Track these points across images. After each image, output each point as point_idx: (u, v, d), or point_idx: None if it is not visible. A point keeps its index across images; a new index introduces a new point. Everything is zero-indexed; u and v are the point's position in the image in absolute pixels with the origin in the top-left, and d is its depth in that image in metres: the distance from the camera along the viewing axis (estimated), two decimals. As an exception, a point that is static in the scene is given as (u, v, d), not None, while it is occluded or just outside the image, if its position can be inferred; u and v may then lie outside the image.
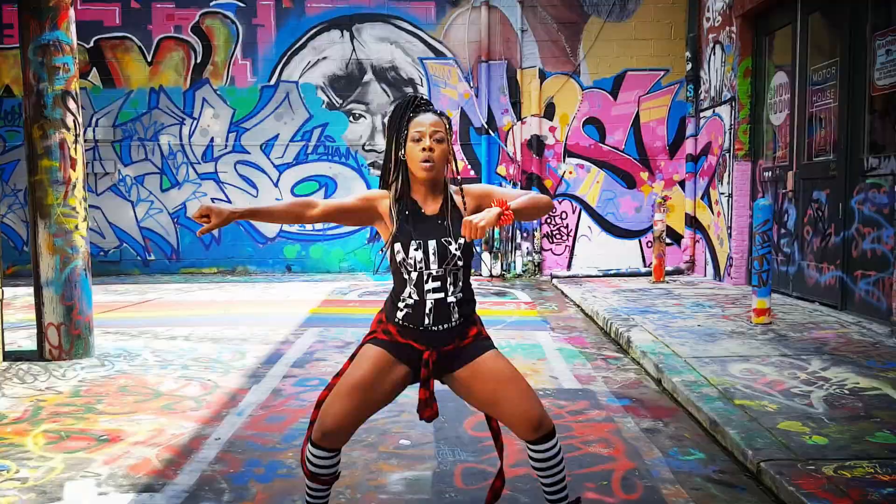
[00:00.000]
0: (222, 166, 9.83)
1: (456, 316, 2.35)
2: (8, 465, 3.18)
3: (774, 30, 7.41)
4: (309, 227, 9.96)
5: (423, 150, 2.29)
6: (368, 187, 9.85)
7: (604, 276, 9.23)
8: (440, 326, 2.34)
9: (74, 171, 4.92)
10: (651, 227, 9.16)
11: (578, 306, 7.16)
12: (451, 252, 2.31)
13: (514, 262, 9.71)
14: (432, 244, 2.31)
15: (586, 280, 8.93)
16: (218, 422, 3.76)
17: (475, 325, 2.44)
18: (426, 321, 2.33)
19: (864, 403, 3.68)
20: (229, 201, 9.87)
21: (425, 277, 2.32)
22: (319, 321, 6.45)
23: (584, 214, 9.70)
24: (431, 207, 2.37)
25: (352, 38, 9.70)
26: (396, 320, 2.37)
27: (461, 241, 2.32)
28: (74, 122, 4.93)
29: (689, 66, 9.05)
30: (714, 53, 8.48)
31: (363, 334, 2.49)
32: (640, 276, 9.10)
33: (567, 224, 9.72)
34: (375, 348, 2.37)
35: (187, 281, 9.35)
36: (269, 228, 9.97)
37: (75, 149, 4.93)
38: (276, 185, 9.88)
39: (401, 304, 2.36)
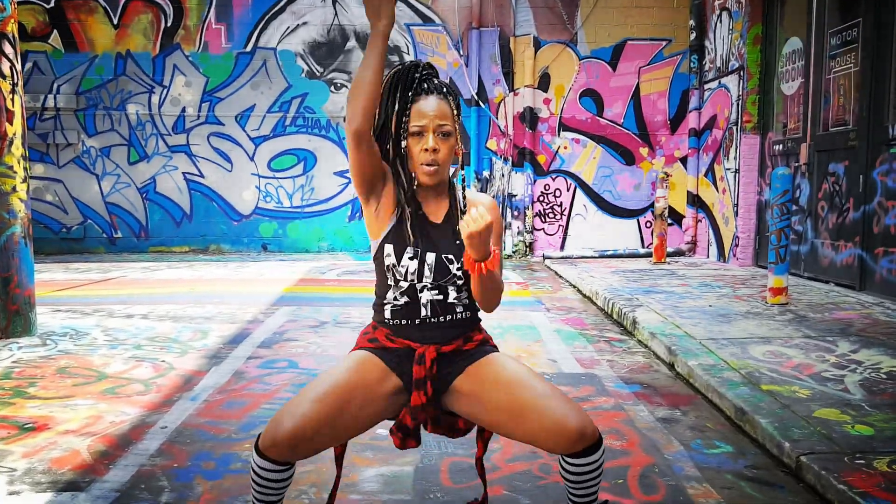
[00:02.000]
0: (194, 138, 9.22)
1: (460, 309, 1.91)
2: None
3: (786, -7, 6.94)
4: (287, 203, 9.39)
5: (426, 150, 1.83)
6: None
7: (600, 257, 8.76)
8: (439, 318, 1.89)
9: (11, 125, 4.35)
10: (650, 205, 8.69)
11: (575, 287, 6.68)
12: (451, 272, 1.89)
13: (504, 242, 9.22)
14: (431, 257, 1.87)
15: (581, 261, 8.45)
16: (167, 408, 3.25)
17: (481, 332, 1.98)
18: (423, 312, 1.89)
19: (908, 389, 3.24)
20: (202, 175, 9.29)
21: (419, 288, 1.89)
22: (293, 300, 5.92)
23: (579, 192, 9.20)
24: (436, 212, 1.93)
25: (334, 2, 9.12)
26: (385, 320, 1.91)
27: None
28: (12, 68, 4.35)
29: (692, 36, 8.56)
30: (720, 21, 7.99)
31: (340, 313, 2.00)
32: (639, 258, 8.62)
33: (561, 202, 9.22)
34: (363, 352, 1.91)
35: (156, 260, 8.77)
36: (244, 205, 9.38)
37: (12, 100, 4.35)
38: (251, 158, 9.30)
39: (387, 304, 1.93)
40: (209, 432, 2.95)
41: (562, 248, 9.22)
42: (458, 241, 1.89)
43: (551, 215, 9.24)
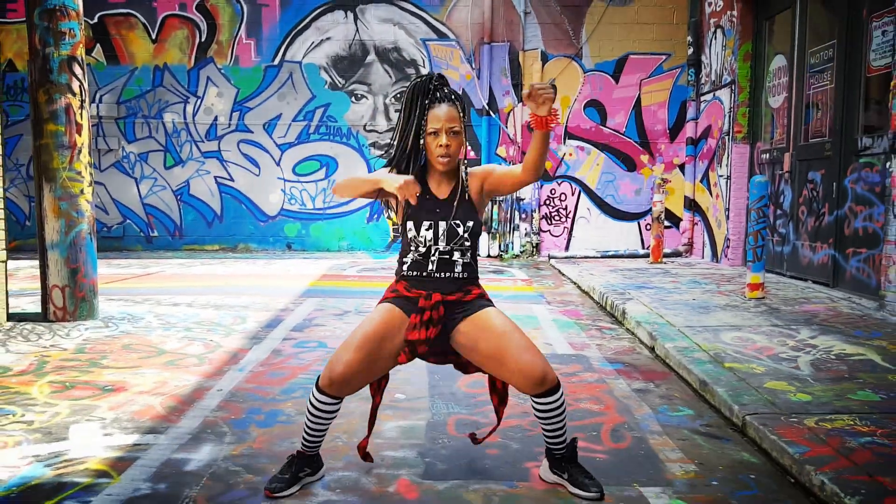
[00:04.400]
0: (225, 145, 9.90)
1: (459, 269, 2.47)
2: (14, 409, 3.28)
3: (774, 14, 7.47)
4: (310, 205, 10.05)
5: (440, 146, 2.39)
6: (369, 167, 9.92)
7: (602, 257, 9.31)
8: (443, 274, 2.46)
9: (80, 136, 5.00)
10: (650, 209, 9.23)
11: (575, 283, 7.24)
12: (459, 234, 2.45)
13: (512, 243, 9.80)
14: (443, 225, 2.43)
15: (584, 261, 9.02)
16: (220, 376, 3.86)
17: (478, 287, 2.54)
18: (430, 267, 2.46)
19: (849, 367, 3.78)
20: (232, 179, 9.98)
21: (432, 251, 2.46)
22: (319, 293, 6.55)
23: (583, 196, 9.78)
24: (444, 191, 2.49)
25: (355, 18, 9.76)
26: (402, 273, 2.50)
27: (469, 224, 2.45)
28: (80, 87, 5.00)
29: (690, 51, 9.11)
30: (715, 38, 8.55)
31: (362, 305, 2.60)
32: (639, 258, 9.18)
33: (566, 206, 9.80)
34: (387, 304, 2.49)
35: (189, 257, 9.46)
36: (271, 207, 10.05)
37: (81, 114, 5.00)
38: (278, 164, 9.96)
39: (405, 260, 2.51)
40: (257, 394, 3.57)
41: (566, 248, 9.79)
42: (466, 208, 2.44)
43: (557, 218, 9.82)
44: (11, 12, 9.72)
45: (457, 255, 2.48)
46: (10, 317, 5.08)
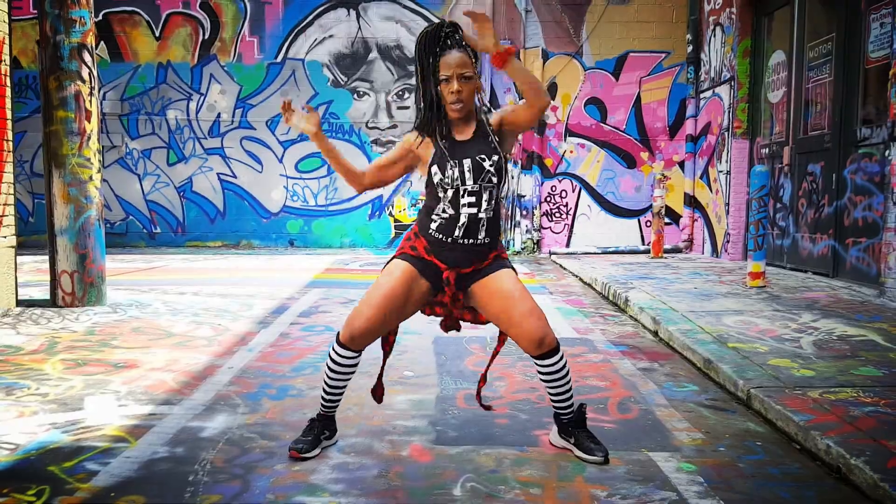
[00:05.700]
0: (228, 142, 9.97)
1: (483, 234, 2.48)
2: (28, 383, 3.32)
3: (773, 10, 7.57)
4: (312, 202, 10.11)
5: (452, 92, 2.39)
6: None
7: (602, 253, 9.38)
8: (467, 241, 2.46)
9: (90, 122, 5.06)
10: (650, 206, 9.30)
11: (577, 276, 7.30)
12: (485, 168, 2.43)
13: (513, 240, 9.86)
14: (467, 162, 2.43)
15: (585, 256, 9.08)
16: (230, 355, 3.90)
17: (496, 250, 2.56)
18: (457, 233, 2.46)
19: (851, 346, 3.84)
20: (235, 176, 10.03)
21: (461, 193, 2.44)
22: (323, 284, 6.60)
23: (584, 193, 9.85)
24: (465, 134, 2.49)
25: (358, 16, 9.85)
26: (429, 231, 2.49)
27: (494, 158, 2.43)
28: (90, 75, 5.06)
29: (689, 49, 9.20)
30: (714, 35, 8.64)
31: (365, 294, 2.62)
32: (639, 254, 9.24)
33: (567, 203, 9.87)
34: (402, 262, 2.52)
35: (193, 253, 9.50)
36: (273, 204, 10.11)
37: (90, 101, 5.06)
38: (280, 161, 10.02)
39: (434, 217, 2.48)
40: (268, 371, 3.61)
41: (567, 245, 9.85)
42: (489, 144, 2.43)
43: (558, 215, 9.89)
44: (16, 10, 9.77)
45: (483, 207, 2.44)
46: (20, 303, 5.12)
